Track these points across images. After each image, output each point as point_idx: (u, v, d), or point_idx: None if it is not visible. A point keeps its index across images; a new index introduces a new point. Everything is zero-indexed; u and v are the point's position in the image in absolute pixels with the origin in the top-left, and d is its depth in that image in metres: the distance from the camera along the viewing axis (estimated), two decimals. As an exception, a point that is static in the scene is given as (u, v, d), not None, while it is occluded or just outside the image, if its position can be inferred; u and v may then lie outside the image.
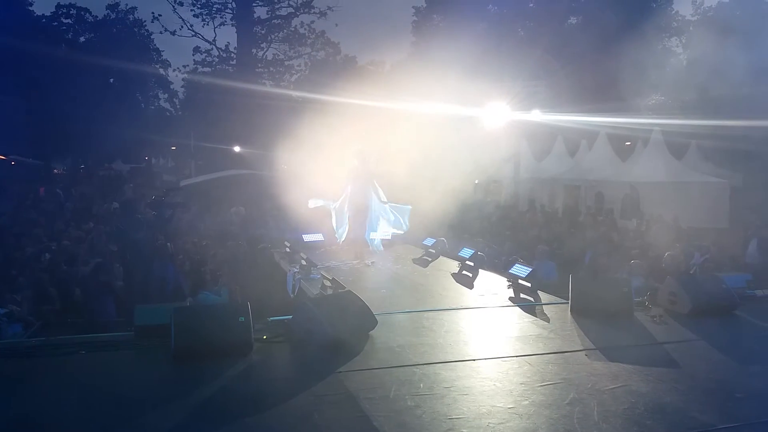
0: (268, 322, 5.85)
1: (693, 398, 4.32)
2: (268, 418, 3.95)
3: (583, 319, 6.34)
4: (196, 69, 38.99)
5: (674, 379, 4.69)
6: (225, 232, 13.69)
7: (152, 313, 5.49)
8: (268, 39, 39.89)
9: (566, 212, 17.77)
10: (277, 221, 14.47)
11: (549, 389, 4.44)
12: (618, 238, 12.81)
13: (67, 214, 16.15)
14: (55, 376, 4.75)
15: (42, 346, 5.36)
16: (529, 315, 6.63)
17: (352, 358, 5.09)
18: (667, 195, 17.16)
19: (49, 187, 21.44)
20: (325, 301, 5.94)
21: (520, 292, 7.46)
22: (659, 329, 6.10)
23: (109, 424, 3.83)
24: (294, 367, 5.14)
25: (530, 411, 4.06)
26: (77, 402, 4.18)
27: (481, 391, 4.41)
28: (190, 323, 5.04)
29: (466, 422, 3.89)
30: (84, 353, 5.20)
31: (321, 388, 4.46)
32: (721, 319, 6.44)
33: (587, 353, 5.29)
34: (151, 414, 3.99)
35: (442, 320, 6.37)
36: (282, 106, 24.92)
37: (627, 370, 4.82)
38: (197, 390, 4.39)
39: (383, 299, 7.36)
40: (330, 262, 9.77)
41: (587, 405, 4.14)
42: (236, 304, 6.10)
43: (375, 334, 5.73)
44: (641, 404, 4.17)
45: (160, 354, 5.04)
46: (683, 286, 6.73)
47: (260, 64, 39.71)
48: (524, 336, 5.83)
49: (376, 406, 4.10)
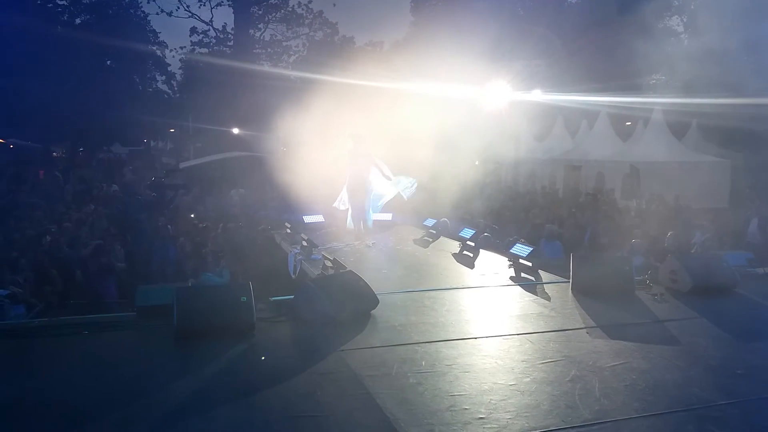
0: (269, 302, 5.87)
1: (694, 375, 4.35)
2: (271, 396, 3.97)
3: (584, 297, 6.36)
4: (194, 50, 38.71)
5: (675, 356, 4.72)
6: (225, 213, 13.70)
7: (154, 293, 5.51)
8: (265, 19, 39.58)
9: (567, 192, 17.76)
10: (277, 203, 14.47)
11: (550, 366, 4.46)
12: (619, 217, 12.81)
13: (67, 196, 16.14)
14: (58, 356, 4.77)
15: (45, 327, 5.39)
16: (530, 294, 6.65)
17: (354, 336, 5.10)
18: (667, 175, 17.12)
19: (48, 170, 21.40)
20: (327, 281, 5.95)
21: (521, 272, 7.47)
22: (660, 307, 6.12)
23: (112, 403, 3.85)
24: (296, 346, 5.16)
25: (532, 388, 4.08)
26: (80, 382, 4.20)
27: (483, 369, 4.43)
28: (193, 303, 5.05)
29: (468, 399, 3.91)
30: (86, 334, 5.22)
31: (323, 366, 4.48)
32: (722, 297, 6.45)
33: (588, 331, 5.31)
34: (153, 393, 4.01)
35: (443, 299, 6.39)
36: (280, 87, 24.76)
37: (628, 348, 4.84)
38: (200, 369, 4.41)
39: (384, 279, 7.37)
40: (331, 243, 9.77)
41: (588, 382, 4.16)
42: (238, 285, 6.12)
43: (376, 313, 5.74)
44: (642, 381, 4.19)
45: (162, 334, 5.06)
46: (684, 265, 6.74)
47: (258, 44, 39.44)
48: (525, 314, 5.85)
49: (378, 384, 4.12)
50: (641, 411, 3.76)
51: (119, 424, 3.61)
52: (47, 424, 3.58)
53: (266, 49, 39.98)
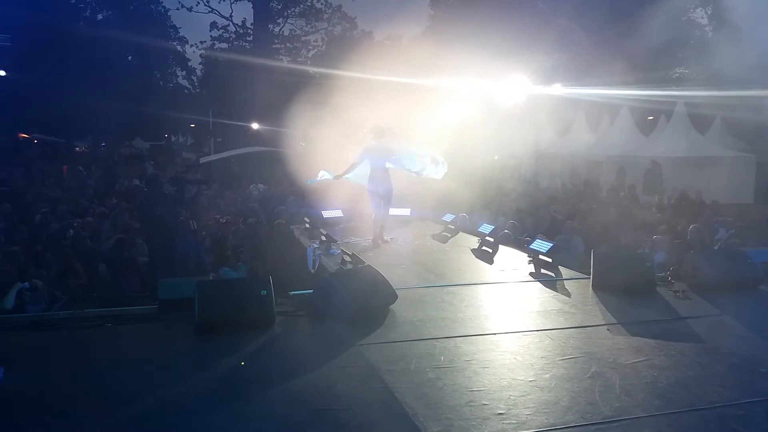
0: (289, 296, 5.91)
1: (716, 373, 4.29)
2: (290, 389, 4.00)
3: (604, 294, 6.30)
4: (213, 45, 38.97)
5: (697, 353, 4.66)
6: (245, 208, 13.81)
7: (176, 286, 5.57)
8: (284, 14, 39.69)
9: (588, 188, 17.60)
10: (296, 197, 14.54)
11: (570, 363, 4.44)
12: (640, 213, 12.68)
13: (90, 191, 16.38)
14: (81, 348, 4.85)
15: (69, 319, 5.48)
16: (550, 290, 6.61)
17: (372, 331, 5.12)
18: (690, 170, 16.91)
19: (71, 165, 21.73)
20: (346, 276, 5.97)
21: (541, 268, 7.42)
22: (682, 304, 6.04)
23: (135, 395, 3.90)
24: (315, 340, 5.19)
25: (551, 384, 4.06)
26: (103, 374, 4.27)
27: (502, 365, 4.41)
28: (214, 297, 5.11)
29: (487, 394, 3.91)
30: (109, 326, 5.30)
31: (342, 360, 4.50)
32: (745, 294, 6.34)
33: (609, 328, 5.26)
34: (175, 386, 4.06)
35: (462, 295, 6.37)
36: (299, 82, 24.84)
37: (649, 345, 4.79)
38: (221, 362, 4.46)
39: (403, 274, 7.37)
40: (349, 238, 9.79)
41: (609, 378, 4.13)
42: (258, 279, 6.16)
43: (395, 308, 5.75)
44: (663, 378, 4.15)
45: (183, 327, 5.12)
46: (707, 261, 6.65)
47: (277, 39, 39.58)
48: (545, 311, 5.81)
49: (397, 378, 4.13)
50: (662, 408, 3.72)
51: (141, 416, 3.66)
52: (71, 416, 3.65)
53: (285, 44, 40.12)
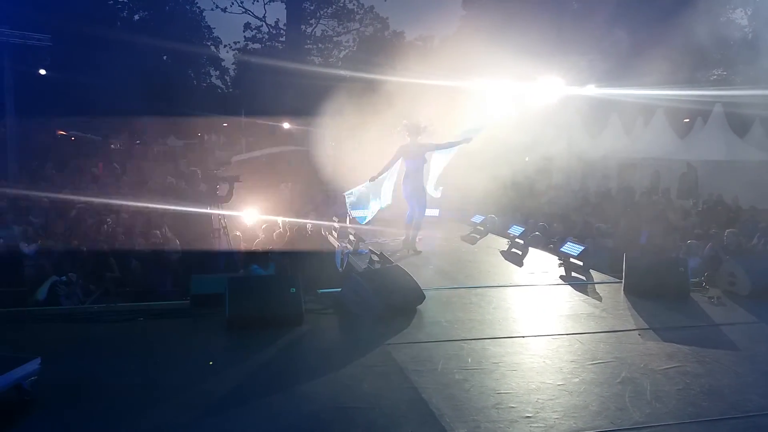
0: (317, 295, 5.95)
1: (752, 381, 4.19)
2: (319, 386, 4.03)
3: (636, 298, 6.21)
4: (246, 46, 39.39)
5: (732, 361, 4.56)
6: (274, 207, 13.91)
7: (208, 282, 5.67)
8: (316, 15, 39.92)
9: (621, 191, 17.31)
10: (325, 197, 14.61)
11: (600, 367, 4.38)
12: (674, 217, 12.43)
13: (124, 187, 16.70)
14: (115, 341, 4.96)
15: (103, 313, 5.62)
16: (581, 294, 6.53)
17: (400, 331, 5.13)
18: (727, 174, 16.46)
19: (106, 162, 22.18)
20: (374, 275, 5.99)
21: (572, 271, 7.34)
22: (717, 310, 5.92)
23: (166, 389, 3.98)
24: (343, 339, 5.23)
25: (580, 388, 4.02)
26: (137, 366, 4.36)
27: (530, 368, 4.38)
28: (244, 293, 5.18)
29: (515, 397, 3.88)
30: (143, 320, 5.41)
31: (370, 359, 4.52)
32: (783, 302, 6.19)
33: (640, 333, 5.19)
34: (205, 380, 4.13)
35: (490, 297, 6.34)
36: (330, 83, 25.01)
37: (682, 351, 4.70)
38: (250, 357, 4.52)
39: (431, 275, 7.37)
40: (378, 238, 9.81)
41: (639, 384, 4.07)
42: (287, 276, 6.22)
43: (423, 308, 5.75)
44: (696, 385, 4.07)
45: (214, 322, 5.21)
46: (743, 267, 6.50)
47: (309, 40, 39.81)
48: (575, 314, 5.75)
49: (424, 379, 4.13)
50: (695, 416, 3.65)
51: (172, 409, 3.73)
52: (105, 407, 3.73)
53: (317, 44, 40.34)
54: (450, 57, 20.37)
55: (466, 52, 20.92)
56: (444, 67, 17.30)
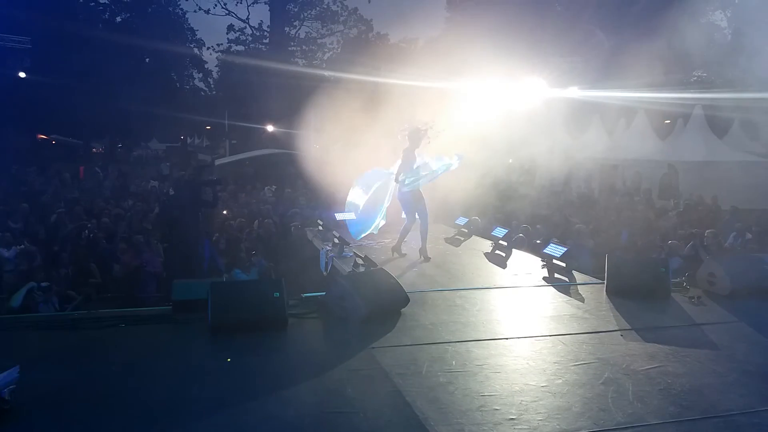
0: (301, 298, 5.93)
1: (732, 380, 4.24)
2: (302, 391, 4.02)
3: (618, 299, 6.26)
4: (230, 48, 39.19)
5: (712, 360, 4.61)
6: (259, 210, 13.86)
7: (190, 288, 5.62)
8: (300, 17, 39.82)
9: (603, 192, 17.46)
10: (310, 200, 14.58)
11: (583, 368, 4.41)
12: (655, 218, 12.56)
13: (106, 192, 16.55)
14: (96, 348, 4.90)
15: (84, 319, 5.54)
16: (564, 295, 6.57)
17: (384, 334, 5.12)
18: (707, 174, 16.69)
19: (88, 166, 21.97)
20: (358, 279, 5.98)
21: (555, 272, 7.38)
22: (697, 310, 5.99)
23: (148, 396, 3.94)
24: (327, 343, 5.22)
25: (564, 390, 4.04)
26: (117, 374, 4.32)
27: (514, 369, 4.40)
28: (227, 298, 5.15)
29: (498, 399, 3.89)
30: (124, 326, 5.35)
31: (354, 363, 4.51)
32: (762, 301, 6.27)
33: (622, 333, 5.23)
34: (188, 386, 4.09)
35: (474, 299, 6.36)
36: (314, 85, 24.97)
37: (663, 351, 4.75)
38: (233, 363, 4.49)
39: (415, 277, 7.38)
40: (363, 241, 9.79)
41: (622, 385, 4.10)
42: (271, 281, 6.19)
43: (407, 311, 5.75)
44: (678, 385, 4.11)
45: (197, 328, 5.17)
46: (723, 267, 6.59)
47: (293, 42, 39.71)
48: (558, 315, 5.79)
49: (408, 382, 4.13)
50: (676, 416, 3.69)
51: (154, 416, 3.69)
52: (86, 416, 3.69)
53: (301, 46, 40.25)
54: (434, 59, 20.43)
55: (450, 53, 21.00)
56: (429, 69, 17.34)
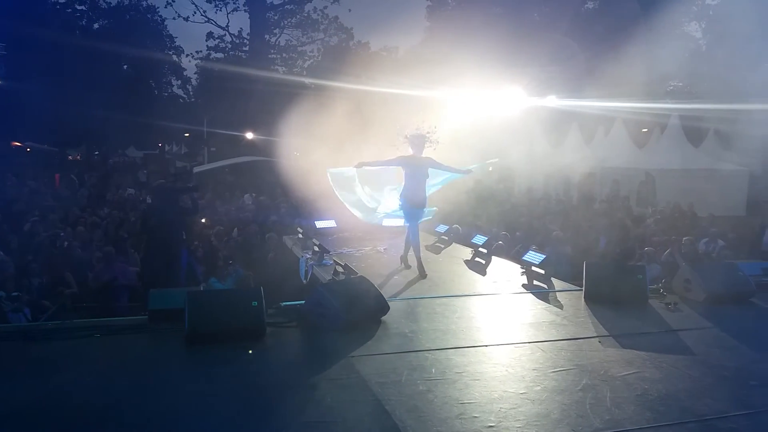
0: (280, 307, 5.88)
1: (707, 385, 4.29)
2: (281, 401, 3.98)
3: (596, 306, 6.31)
4: (209, 55, 39.03)
5: (688, 366, 4.66)
6: (238, 218, 13.78)
7: (166, 297, 5.54)
8: (281, 25, 39.83)
9: (581, 200, 17.65)
10: (289, 208, 14.53)
11: (561, 375, 4.43)
12: (633, 225, 12.71)
13: (82, 200, 16.32)
14: (70, 359, 4.80)
15: (57, 330, 5.43)
16: (543, 302, 6.61)
17: (364, 343, 5.10)
18: (683, 182, 16.99)
19: (64, 174, 21.66)
20: (338, 287, 5.94)
21: (534, 279, 7.42)
22: (673, 316, 6.05)
23: (123, 408, 3.87)
24: (306, 352, 5.18)
25: (542, 396, 4.05)
26: (92, 385, 4.23)
27: (493, 377, 4.40)
28: (204, 307, 5.08)
29: (478, 407, 3.89)
30: (99, 337, 5.26)
31: (333, 372, 4.48)
32: (736, 307, 6.37)
33: (600, 340, 5.27)
34: (164, 397, 4.03)
35: (454, 306, 6.37)
36: (294, 93, 24.95)
37: (640, 357, 4.79)
38: (210, 373, 4.43)
39: (396, 285, 7.37)
40: (342, 249, 9.78)
41: (600, 391, 4.13)
42: (249, 289, 6.14)
43: (387, 319, 5.74)
44: (654, 391, 4.15)
45: (173, 338, 5.09)
46: (698, 274, 6.67)
47: (273, 50, 39.70)
48: (537, 322, 5.81)
49: (387, 391, 4.11)
50: (653, 421, 3.72)
51: (129, 428, 3.62)
52: (59, 428, 3.61)
53: (281, 54, 40.23)
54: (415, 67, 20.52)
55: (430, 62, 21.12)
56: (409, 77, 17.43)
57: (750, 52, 21.33)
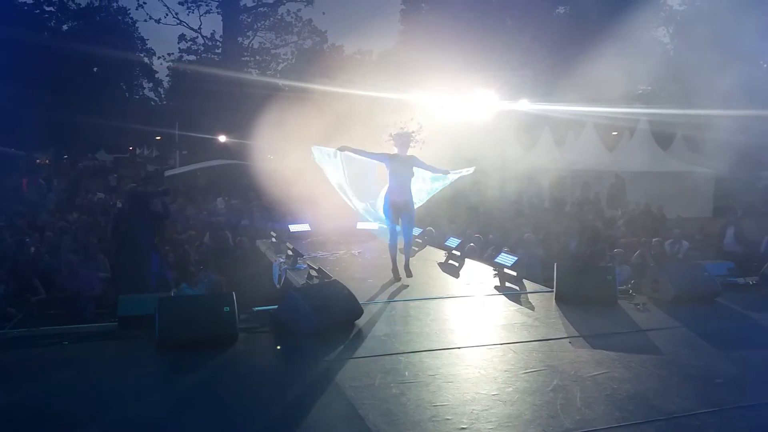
0: (253, 312, 5.84)
1: (674, 384, 4.38)
2: (254, 407, 3.95)
3: (567, 307, 6.39)
4: (181, 57, 38.59)
5: (656, 365, 4.75)
6: (210, 222, 13.65)
7: (136, 303, 5.47)
8: (254, 27, 39.54)
9: (553, 202, 17.86)
10: (263, 211, 14.44)
11: (533, 376, 4.48)
12: (603, 227, 12.90)
13: (50, 204, 16.01)
14: (37, 367, 4.71)
15: (24, 338, 5.33)
16: (515, 303, 6.67)
17: (338, 347, 5.09)
18: (652, 185, 17.31)
19: (32, 178, 21.19)
20: (311, 291, 5.93)
21: (506, 281, 7.49)
22: (642, 317, 6.16)
23: (92, 415, 3.81)
24: (279, 357, 5.15)
25: (514, 397, 4.09)
26: (59, 394, 4.16)
27: (466, 379, 4.43)
28: (175, 313, 5.03)
29: (450, 409, 3.91)
30: (67, 344, 5.17)
31: (307, 377, 4.47)
32: (703, 307, 6.52)
33: (571, 341, 5.34)
34: (134, 405, 3.98)
35: (428, 309, 6.39)
36: (268, 96, 24.81)
37: (610, 357, 4.87)
38: (182, 380, 4.39)
39: (369, 289, 7.36)
40: (316, 253, 9.75)
41: (570, 391, 4.18)
42: (221, 295, 6.09)
43: (361, 323, 5.74)
44: (623, 390, 4.22)
45: (144, 345, 5.02)
46: (666, 274, 6.81)
47: (246, 52, 39.39)
48: (509, 324, 5.87)
49: (361, 394, 4.11)
50: (622, 420, 3.78)
51: (98, 436, 3.57)
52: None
53: (254, 56, 39.94)
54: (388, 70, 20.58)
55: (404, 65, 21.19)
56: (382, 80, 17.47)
57: (717, 58, 21.82)
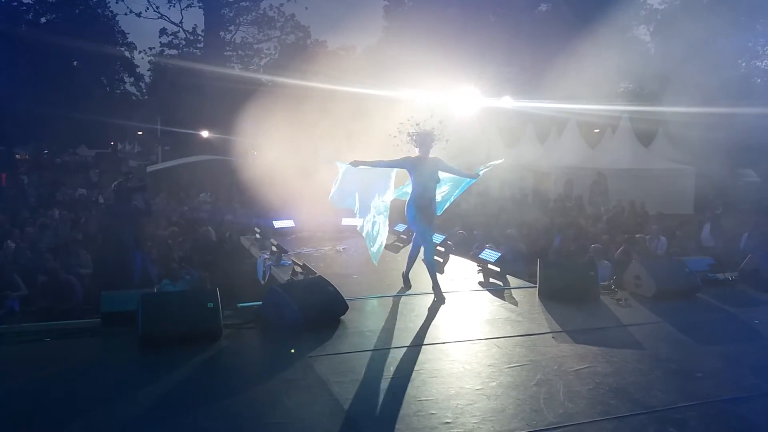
0: (237, 309, 5.82)
1: (655, 378, 4.44)
2: (237, 404, 3.94)
3: (550, 302, 6.45)
4: (163, 52, 38.19)
5: (638, 360, 4.82)
6: (194, 218, 13.56)
7: (119, 299, 5.41)
8: (236, 22, 39.25)
9: (536, 198, 17.98)
10: (246, 207, 14.37)
11: (516, 371, 4.52)
12: (586, 223, 13.02)
13: (31, 200, 15.80)
14: (19, 364, 4.66)
15: (5, 334, 5.25)
16: (498, 299, 6.72)
17: (322, 343, 5.09)
18: (634, 181, 17.50)
19: (11, 174, 20.89)
20: (296, 287, 5.92)
21: (490, 277, 7.54)
22: (624, 312, 6.24)
23: (75, 412, 3.78)
24: (264, 353, 5.14)
25: (498, 392, 4.13)
26: (42, 391, 4.12)
27: (450, 373, 4.46)
28: (158, 309, 4.99)
29: (435, 404, 3.94)
30: (48, 341, 5.11)
31: (291, 372, 4.47)
32: (683, 302, 6.61)
33: (554, 336, 5.39)
34: (117, 401, 3.95)
35: (412, 304, 6.42)
36: (251, 91, 24.64)
37: (592, 352, 4.92)
38: (165, 377, 4.36)
39: (354, 284, 7.37)
40: (301, 249, 9.73)
41: (553, 386, 4.23)
42: (205, 291, 6.06)
43: (346, 319, 5.74)
44: (605, 384, 4.27)
45: (127, 341, 4.98)
46: (648, 270, 6.89)
47: (228, 47, 39.09)
48: (493, 319, 5.91)
49: (346, 390, 4.12)
50: (604, 414, 3.83)
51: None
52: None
53: (237, 51, 39.66)
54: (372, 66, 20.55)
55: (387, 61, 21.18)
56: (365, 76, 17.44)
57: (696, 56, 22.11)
